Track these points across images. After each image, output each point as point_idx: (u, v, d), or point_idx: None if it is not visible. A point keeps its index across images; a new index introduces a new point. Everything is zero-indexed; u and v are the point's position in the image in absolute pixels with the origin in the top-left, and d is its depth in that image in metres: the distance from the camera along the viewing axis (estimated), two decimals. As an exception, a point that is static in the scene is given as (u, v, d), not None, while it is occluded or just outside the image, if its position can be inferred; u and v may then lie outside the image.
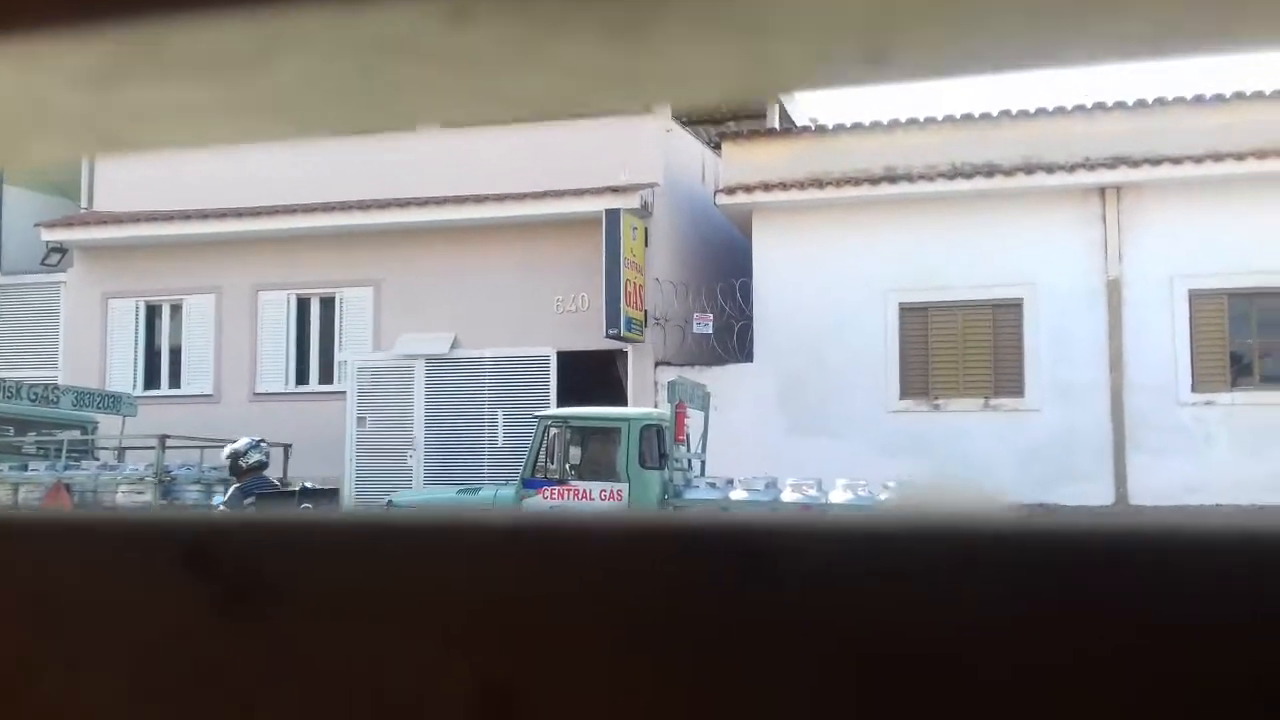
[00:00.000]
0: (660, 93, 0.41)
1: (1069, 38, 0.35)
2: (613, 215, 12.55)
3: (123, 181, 14.78)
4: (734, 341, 12.98)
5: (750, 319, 12.89)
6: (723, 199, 13.20)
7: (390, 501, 10.34)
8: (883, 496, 9.14)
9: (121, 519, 0.48)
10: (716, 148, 14.42)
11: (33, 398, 11.70)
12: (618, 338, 12.56)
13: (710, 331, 13.07)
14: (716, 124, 17.01)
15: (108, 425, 12.30)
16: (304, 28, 0.37)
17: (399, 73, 0.40)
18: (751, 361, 12.80)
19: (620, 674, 0.38)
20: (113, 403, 12.33)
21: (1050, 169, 12.11)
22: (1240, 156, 11.60)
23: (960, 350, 12.52)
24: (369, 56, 0.38)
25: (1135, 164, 11.96)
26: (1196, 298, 11.93)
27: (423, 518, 0.43)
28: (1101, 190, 12.17)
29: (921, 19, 0.35)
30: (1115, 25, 0.35)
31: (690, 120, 16.26)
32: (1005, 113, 12.66)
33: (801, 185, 12.79)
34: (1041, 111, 12.50)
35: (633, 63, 0.38)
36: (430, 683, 0.40)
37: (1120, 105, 12.40)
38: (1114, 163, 12.02)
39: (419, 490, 11.93)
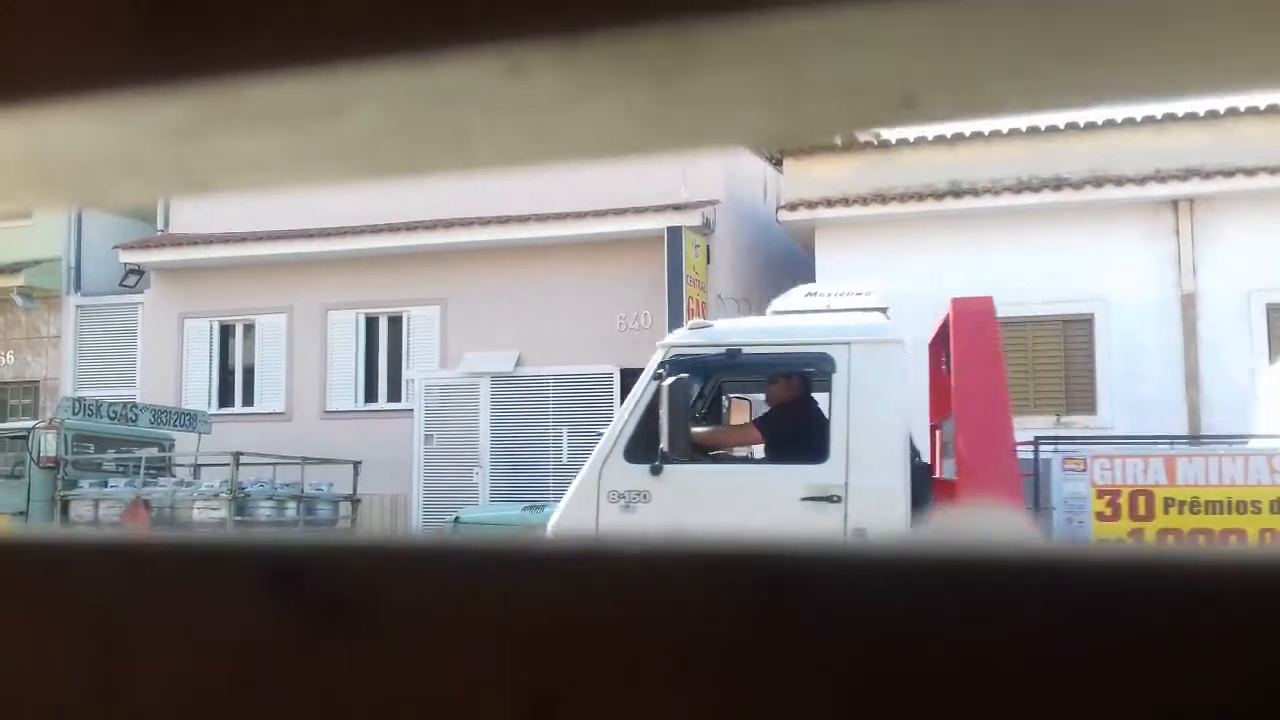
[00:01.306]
0: (700, 138, 0.43)
1: (1100, 78, 0.36)
2: (675, 233, 12.58)
3: (197, 205, 15.17)
4: (798, 358, 12.90)
5: (814, 336, 12.82)
6: (785, 215, 13.17)
7: (457, 518, 10.43)
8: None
9: (205, 542, 0.48)
10: (778, 164, 14.40)
11: (112, 416, 12.03)
12: (681, 355, 12.57)
13: (774, 348, 13.02)
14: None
15: (184, 442, 12.60)
16: (373, 82, 0.39)
17: (460, 122, 0.42)
18: (815, 378, 12.73)
19: (657, 690, 0.39)
20: (189, 420, 12.62)
21: (1120, 182, 11.89)
22: (1319, 167, 11.30)
23: (1030, 367, 12.32)
24: (432, 107, 0.41)
25: (1208, 176, 11.70)
26: (1275, 312, 11.61)
27: (508, 540, 0.43)
28: (1174, 203, 11.92)
29: (952, 64, 0.36)
30: (1147, 65, 0.35)
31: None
32: (1073, 125, 12.48)
33: (864, 201, 12.71)
34: (1110, 123, 12.29)
35: (673, 110, 0.39)
36: (491, 700, 0.41)
37: (1191, 116, 12.15)
38: (1186, 175, 11.77)
39: (485, 507, 12.02)
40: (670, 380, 5.69)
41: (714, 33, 0.34)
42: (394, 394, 14.32)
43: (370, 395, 14.44)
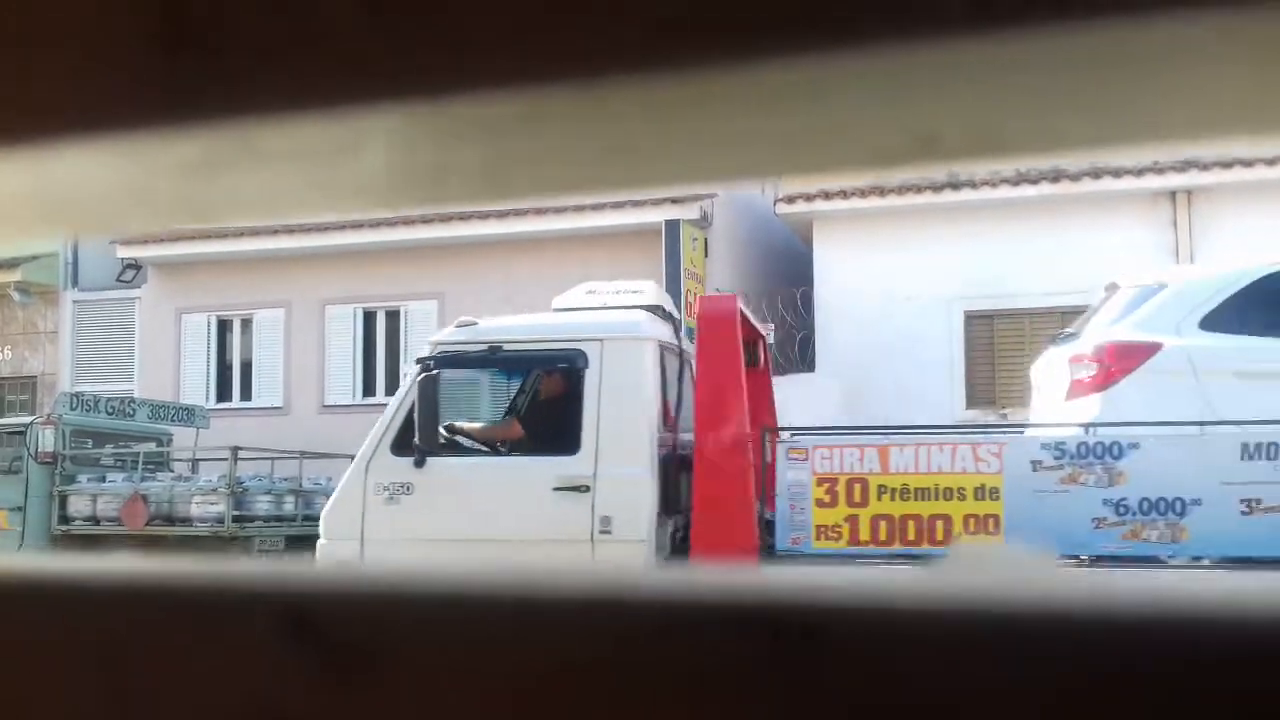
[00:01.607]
0: (707, 168, 0.43)
1: (1122, 120, 0.36)
2: (672, 226, 12.57)
3: (194, 199, 15.16)
4: (795, 351, 12.92)
5: (812, 328, 12.83)
6: (783, 208, 13.16)
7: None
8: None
9: (215, 583, 0.47)
10: (777, 157, 14.41)
11: (110, 411, 12.02)
12: (679, 348, 12.58)
13: (771, 341, 13.02)
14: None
15: (182, 437, 12.60)
16: (386, 122, 0.39)
17: (472, 159, 0.42)
18: (813, 371, 12.73)
19: None
20: (186, 415, 12.62)
21: (1118, 174, 11.90)
22: (1317, 157, 11.31)
23: (1028, 359, 12.33)
24: (445, 146, 0.41)
25: (1206, 167, 11.71)
26: (1273, 303, 11.64)
27: (524, 584, 0.42)
28: (1172, 194, 11.93)
29: (972, 105, 0.36)
30: (1169, 108, 0.35)
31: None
32: (1071, 117, 12.48)
33: (863, 193, 12.71)
34: (1109, 115, 12.31)
35: (680, 139, 0.40)
36: None
37: (1191, 107, 12.16)
38: (1184, 166, 11.77)
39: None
40: (422, 376, 6.17)
41: (734, 76, 0.34)
42: (392, 388, 14.29)
43: (368, 389, 14.44)
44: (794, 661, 0.37)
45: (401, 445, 6.26)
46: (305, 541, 11.14)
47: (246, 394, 14.81)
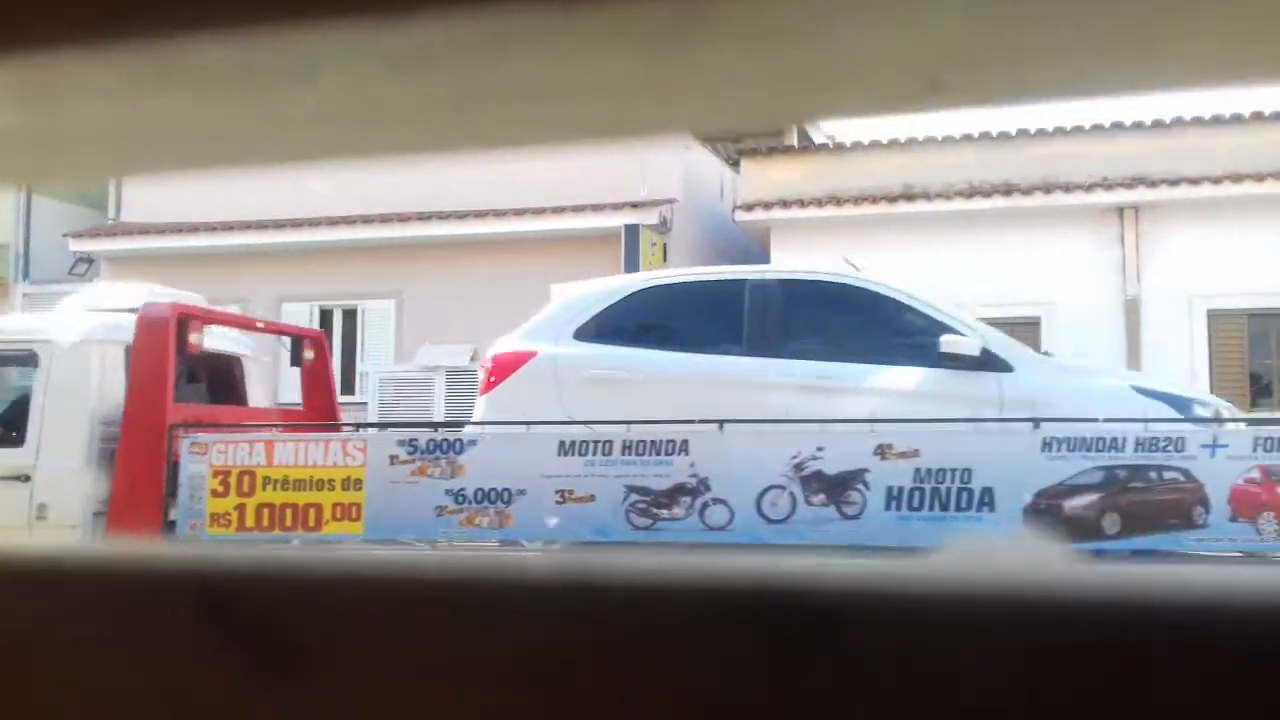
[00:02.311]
0: (702, 117, 0.39)
1: (1126, 67, 0.34)
2: (632, 231, 12.65)
3: (149, 193, 14.99)
4: (752, 357, 13.02)
5: (768, 335, 12.95)
6: (741, 215, 13.28)
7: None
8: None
9: (129, 563, 0.43)
10: (735, 164, 14.52)
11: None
12: (636, 352, 12.64)
13: (728, 347, 13.13)
14: (735, 141, 17.10)
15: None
16: (340, 44, 0.35)
17: (437, 92, 0.38)
18: (769, 377, 12.85)
19: None
20: (137, 411, 12.47)
21: (1068, 188, 12.15)
22: (1260, 178, 11.61)
23: (977, 368, 12.54)
24: (407, 74, 0.36)
25: (1154, 184, 11.99)
26: (1215, 318, 11.93)
27: (452, 563, 0.39)
28: (1120, 210, 12.20)
29: (983, 46, 0.34)
30: (1173, 55, 0.34)
31: (709, 137, 16.35)
32: (1024, 132, 12.71)
33: (819, 202, 12.86)
34: (1060, 131, 12.55)
35: (674, 85, 0.36)
36: None
37: (1139, 125, 12.43)
38: (1132, 183, 12.04)
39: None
40: None
41: (725, 3, 0.31)
42: (347, 387, 14.25)
43: (324, 388, 14.35)
44: (808, 650, 0.34)
45: None
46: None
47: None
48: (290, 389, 9.78)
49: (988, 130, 12.93)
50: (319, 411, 7.86)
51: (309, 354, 8.09)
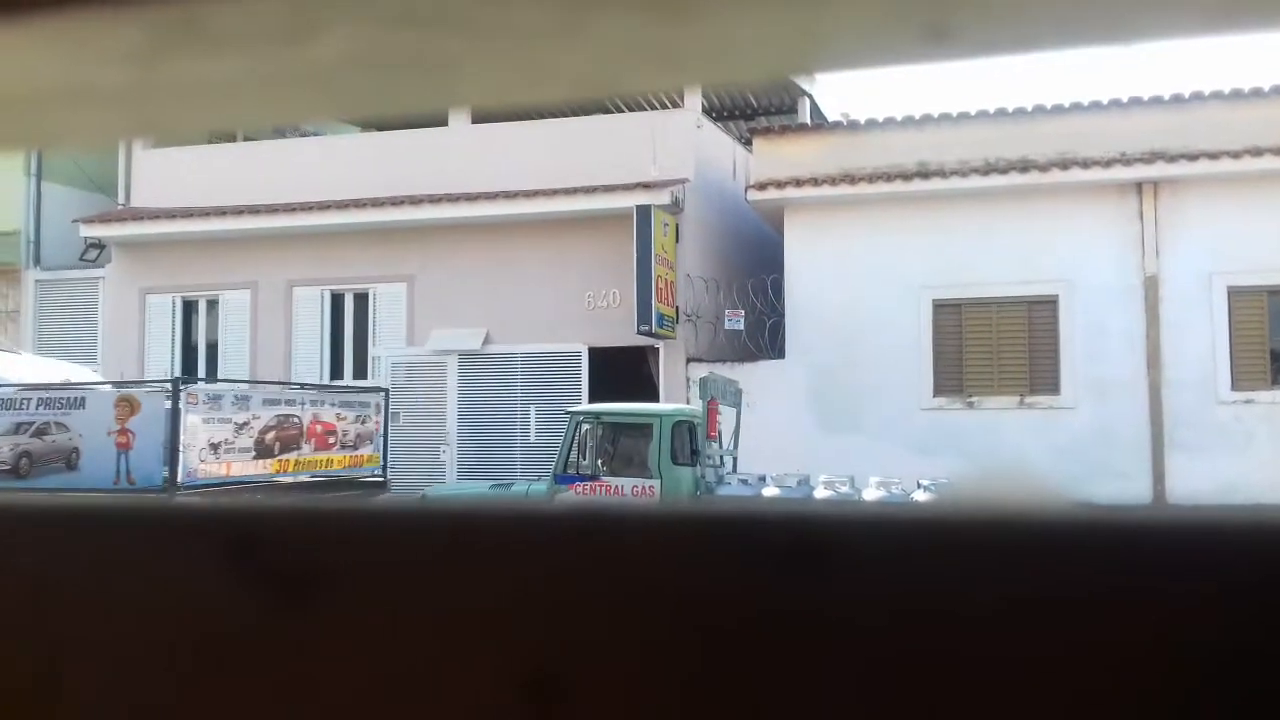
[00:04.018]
0: (703, 69, 0.40)
1: (1133, 12, 0.34)
2: (644, 211, 12.55)
3: (159, 178, 14.94)
4: (765, 338, 12.95)
5: (782, 315, 12.86)
6: (754, 195, 13.17)
7: (425, 496, 10.40)
8: (917, 495, 9.11)
9: (157, 508, 0.46)
10: (747, 143, 14.39)
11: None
12: (649, 334, 12.57)
13: (742, 328, 13.05)
14: (747, 119, 16.97)
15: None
16: (345, 0, 0.36)
17: (439, 47, 0.39)
18: (783, 358, 12.77)
19: (662, 664, 0.37)
20: (150, 397, 12.47)
21: (1086, 164, 12.00)
22: (1281, 151, 11.44)
23: (994, 347, 12.43)
24: (409, 30, 0.38)
25: (1172, 159, 11.83)
26: (1235, 295, 11.78)
27: (468, 509, 0.41)
28: (1139, 186, 12.05)
29: None
30: (1184, 3, 0.34)
31: (721, 116, 16.23)
32: (1040, 107, 12.55)
33: (833, 181, 12.74)
34: (1077, 106, 12.38)
35: (675, 37, 0.37)
36: (479, 672, 0.39)
37: (1157, 100, 12.26)
38: (1151, 158, 11.89)
39: (452, 485, 12.00)
40: None
41: None
42: (360, 371, 14.23)
43: (336, 372, 14.33)
44: (795, 578, 0.36)
45: None
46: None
47: (212, 375, 14.65)
48: None
49: (1004, 106, 12.77)
50: None
51: None
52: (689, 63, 0.38)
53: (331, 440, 10.50)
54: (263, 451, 9.82)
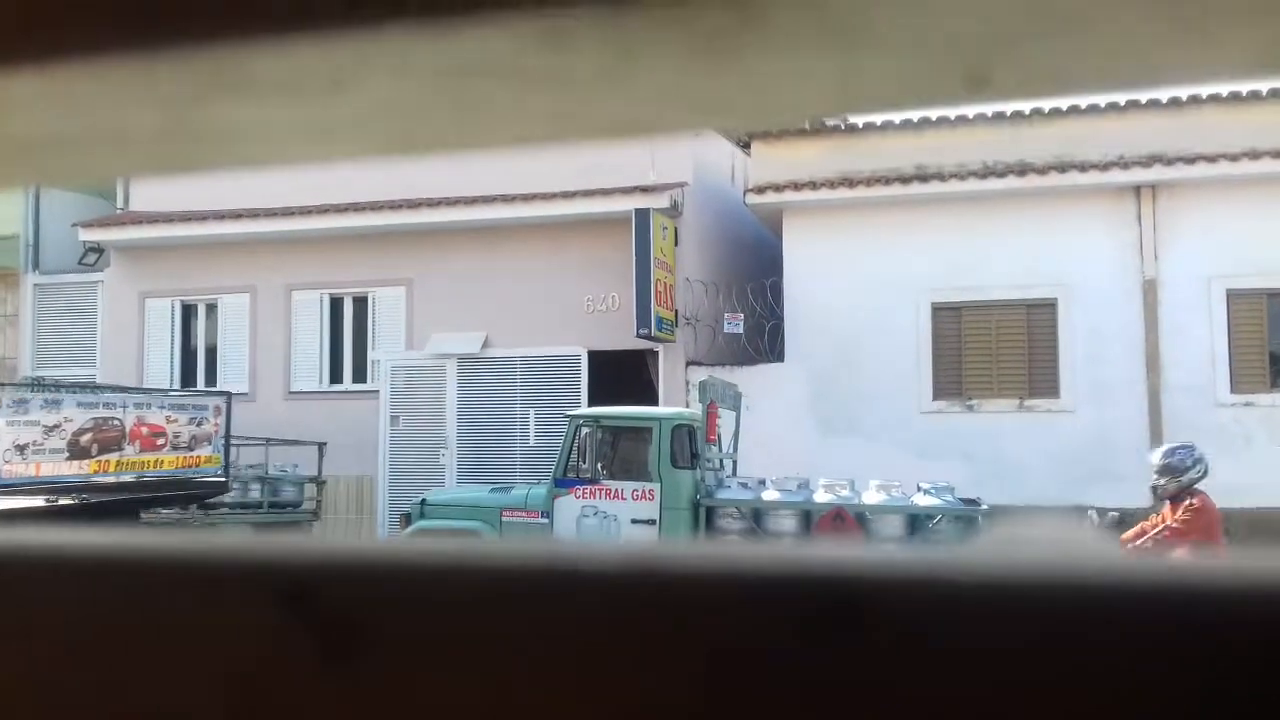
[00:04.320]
0: (743, 112, 0.40)
1: (1171, 56, 0.34)
2: (642, 215, 12.56)
3: (157, 182, 14.94)
4: (765, 341, 12.96)
5: (781, 319, 12.87)
6: (752, 198, 13.18)
7: (424, 500, 10.39)
8: (918, 498, 9.11)
9: (208, 556, 0.45)
10: (746, 147, 14.40)
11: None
12: (648, 337, 12.57)
13: (741, 331, 13.06)
14: (747, 123, 16.97)
15: (144, 423, 12.43)
16: (388, 51, 0.36)
17: (485, 94, 0.39)
18: (782, 361, 12.78)
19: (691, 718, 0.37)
20: (149, 401, 12.46)
21: (1084, 167, 12.01)
22: (1279, 154, 11.46)
23: (994, 351, 12.44)
24: (456, 79, 0.38)
25: (1171, 162, 11.84)
26: (1235, 298, 11.79)
27: (534, 560, 0.41)
28: (1137, 189, 12.06)
29: (1030, 38, 0.34)
30: (1226, 46, 0.34)
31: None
32: (1038, 111, 12.57)
33: (832, 184, 12.75)
34: (1075, 109, 12.40)
35: (716, 82, 0.37)
36: None
37: (1155, 103, 12.28)
38: (1149, 161, 11.90)
39: (452, 489, 11.99)
40: None
41: (769, 2, 0.32)
42: (359, 375, 14.22)
43: (335, 376, 14.33)
44: (833, 635, 0.35)
45: None
46: (271, 529, 11.03)
47: (211, 379, 14.65)
48: None
49: (1002, 109, 12.79)
50: None
51: None
52: (728, 106, 0.39)
53: (160, 441, 10.55)
54: (77, 453, 9.87)
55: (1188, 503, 5.96)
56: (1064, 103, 12.62)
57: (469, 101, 0.40)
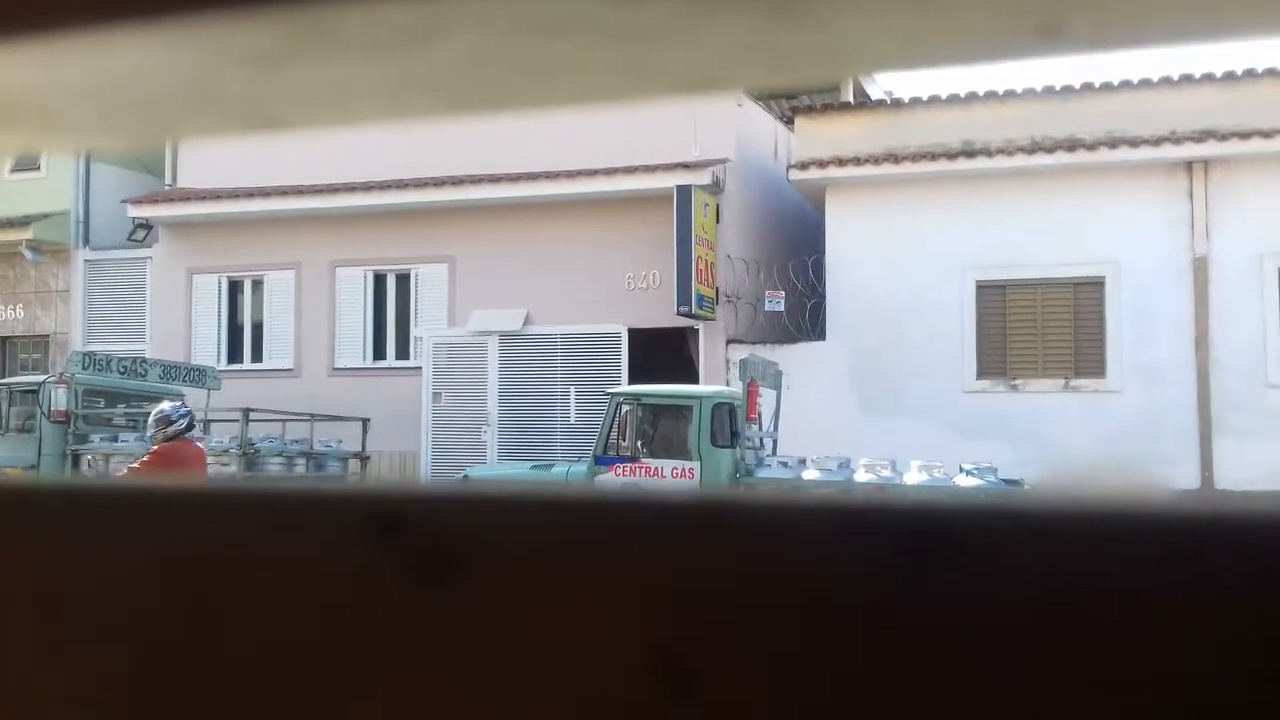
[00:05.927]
0: (813, 68, 0.40)
1: (1256, 8, 0.34)
2: (684, 192, 12.51)
3: (205, 159, 15.10)
4: (806, 319, 12.89)
5: (823, 296, 12.79)
6: (795, 174, 13.08)
7: (465, 476, 10.48)
8: (959, 480, 9.05)
9: (302, 490, 0.48)
10: (789, 122, 14.28)
11: (122, 370, 12.05)
12: (689, 315, 12.55)
13: (782, 309, 13.00)
14: (789, 98, 16.82)
15: (193, 398, 12.64)
16: (472, 7, 0.37)
17: (563, 51, 0.40)
18: (824, 340, 12.71)
19: (789, 659, 0.38)
20: (198, 376, 12.65)
21: (1135, 143, 11.79)
22: (1337, 129, 11.18)
23: (1039, 329, 12.29)
24: (535, 36, 0.38)
25: (1223, 138, 11.59)
26: (1288, 276, 11.56)
27: (601, 493, 0.43)
28: (1188, 165, 11.83)
29: None
30: None
31: (763, 94, 16.10)
32: (1088, 85, 12.34)
33: (876, 160, 12.62)
34: (1126, 84, 12.16)
35: (788, 37, 0.37)
36: (609, 652, 0.41)
37: (1208, 78, 12.01)
38: (1201, 136, 11.66)
39: (493, 465, 12.08)
40: None
41: None
42: (402, 351, 14.34)
43: (379, 353, 14.46)
44: (920, 574, 0.36)
45: None
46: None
47: (257, 355, 14.84)
48: None
49: (1051, 83, 12.58)
50: None
51: None
52: (799, 62, 0.39)
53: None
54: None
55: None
56: (1115, 76, 12.38)
57: (545, 58, 0.40)
